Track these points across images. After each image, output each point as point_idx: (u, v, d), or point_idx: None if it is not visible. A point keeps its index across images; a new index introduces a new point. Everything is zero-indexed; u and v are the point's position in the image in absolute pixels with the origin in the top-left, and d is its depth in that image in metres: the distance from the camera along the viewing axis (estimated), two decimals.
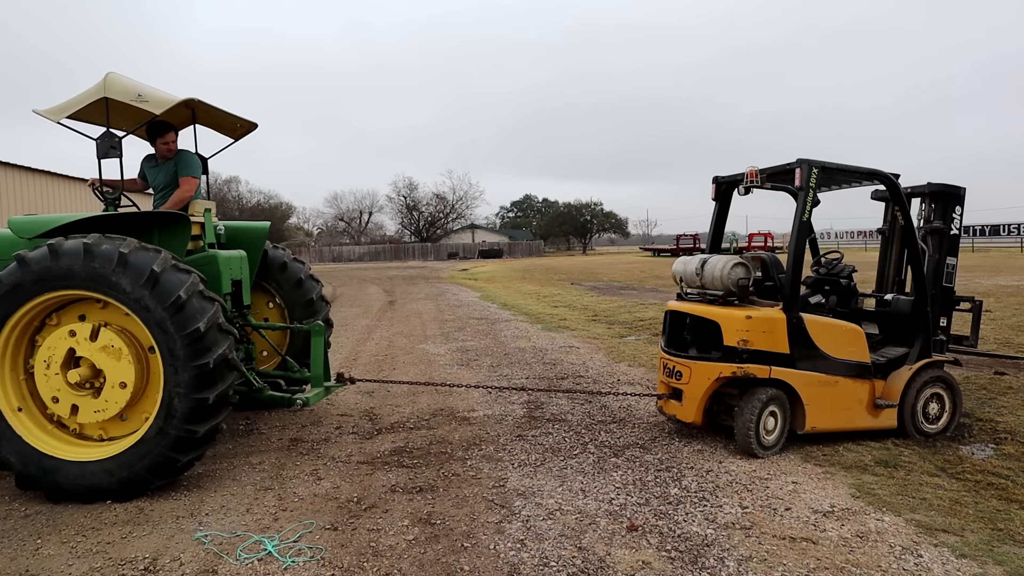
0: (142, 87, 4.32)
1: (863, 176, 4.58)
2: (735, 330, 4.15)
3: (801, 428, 4.23)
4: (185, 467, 3.79)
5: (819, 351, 4.23)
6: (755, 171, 4.41)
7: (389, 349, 8.74)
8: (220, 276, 4.48)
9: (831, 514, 3.32)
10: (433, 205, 70.91)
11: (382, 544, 3.09)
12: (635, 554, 2.95)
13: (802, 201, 4.19)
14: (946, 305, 4.91)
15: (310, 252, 58.47)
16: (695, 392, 4.33)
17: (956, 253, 4.95)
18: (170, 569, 2.89)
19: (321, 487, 3.82)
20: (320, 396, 4.61)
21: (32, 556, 3.04)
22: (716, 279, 4.37)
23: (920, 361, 4.51)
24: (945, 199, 4.90)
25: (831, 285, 5.05)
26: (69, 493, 3.63)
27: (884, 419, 4.40)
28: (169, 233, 4.22)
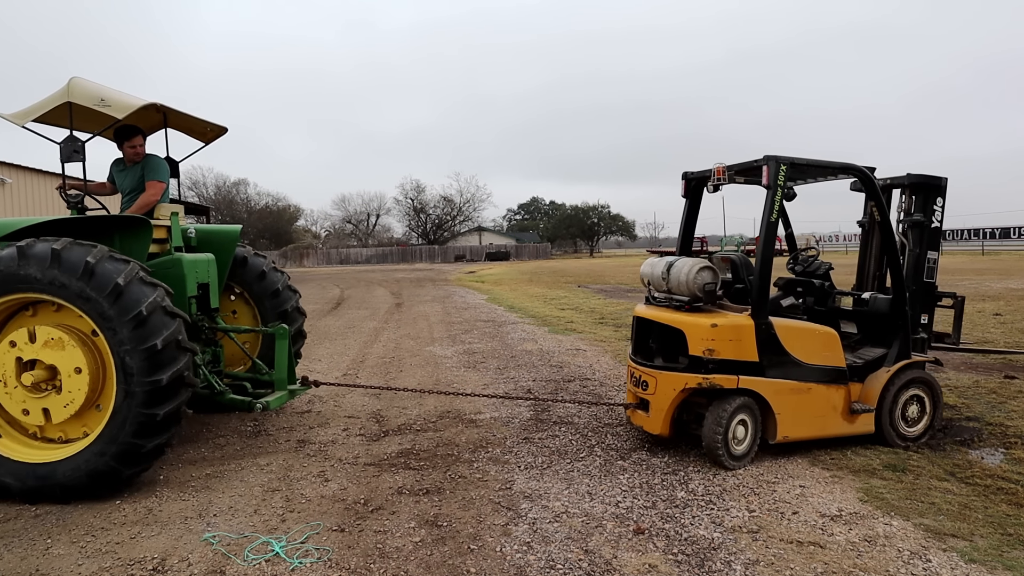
0: (106, 91, 4.36)
1: (835, 170, 4.44)
2: (700, 339, 3.96)
3: (773, 438, 4.08)
4: (129, 479, 3.79)
5: (790, 357, 4.07)
6: (722, 168, 4.23)
7: (396, 351, 8.76)
8: (185, 279, 4.52)
9: (839, 518, 3.31)
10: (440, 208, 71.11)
11: (389, 546, 3.10)
12: (642, 557, 2.95)
13: (770, 199, 4.00)
14: (927, 302, 4.76)
15: (317, 254, 58.71)
16: (661, 403, 4.15)
17: (938, 247, 4.79)
18: (178, 569, 2.91)
19: (328, 488, 3.84)
20: (283, 400, 4.63)
21: (42, 556, 3.07)
22: (682, 283, 4.19)
23: (899, 362, 4.35)
24: (926, 190, 4.71)
25: (805, 285, 4.85)
26: (75, 489, 3.66)
27: (861, 424, 4.27)
28: (131, 237, 4.25)
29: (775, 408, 4.03)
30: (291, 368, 4.78)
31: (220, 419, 5.42)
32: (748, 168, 4.22)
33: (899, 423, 4.34)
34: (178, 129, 5.29)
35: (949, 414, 5.06)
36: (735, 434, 4.02)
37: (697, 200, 4.85)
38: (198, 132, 5.34)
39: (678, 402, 4.13)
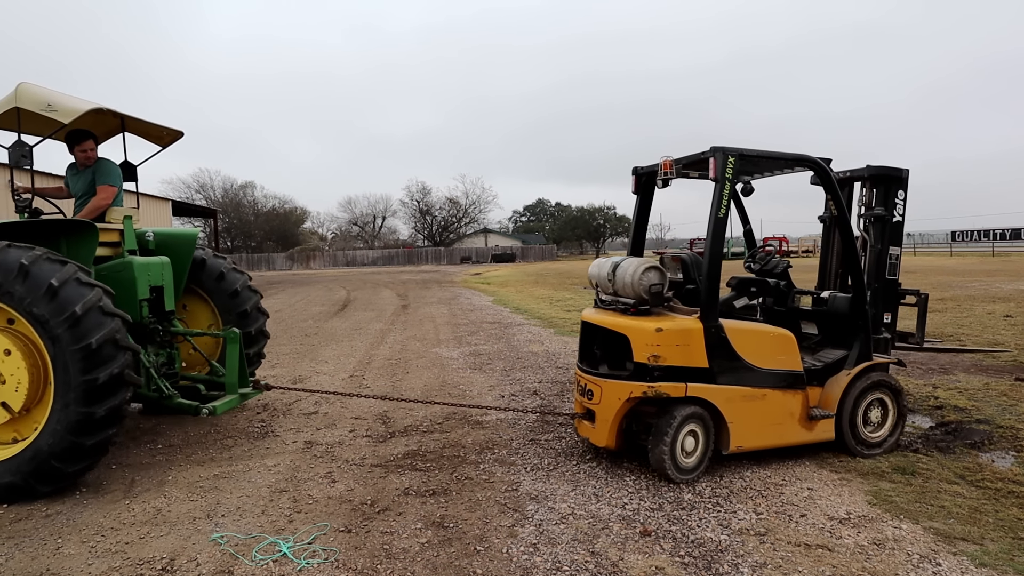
0: (54, 96, 4.42)
1: (789, 162, 4.19)
2: (645, 344, 3.71)
3: (726, 448, 3.89)
4: (73, 476, 3.81)
5: (743, 362, 3.84)
6: (669, 162, 3.97)
7: (402, 353, 8.78)
8: (136, 282, 4.57)
9: (847, 521, 3.29)
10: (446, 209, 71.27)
11: (395, 547, 3.11)
12: (648, 559, 2.94)
13: (718, 193, 3.74)
14: (890, 300, 4.54)
15: (324, 256, 58.93)
16: (606, 413, 3.92)
17: (900, 242, 4.59)
18: (187, 570, 2.93)
19: (335, 489, 3.85)
20: (233, 403, 4.65)
21: (53, 555, 3.10)
22: (627, 285, 3.94)
23: (860, 364, 4.16)
24: (887, 183, 4.52)
25: (759, 285, 4.58)
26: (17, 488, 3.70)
27: (820, 431, 4.08)
28: (77, 240, 4.29)
29: (727, 417, 3.83)
30: (243, 371, 4.78)
31: (227, 420, 5.45)
32: (696, 161, 3.99)
33: (861, 429, 4.17)
34: (135, 133, 5.38)
35: (959, 416, 5.02)
36: (683, 446, 3.80)
37: (648, 196, 4.61)
38: (155, 136, 5.43)
39: (624, 412, 3.90)
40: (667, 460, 3.73)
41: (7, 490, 3.69)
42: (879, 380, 4.20)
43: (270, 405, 5.97)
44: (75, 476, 3.84)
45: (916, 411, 5.30)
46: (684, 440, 3.79)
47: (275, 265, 55.94)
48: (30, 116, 4.43)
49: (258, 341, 5.82)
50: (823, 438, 4.10)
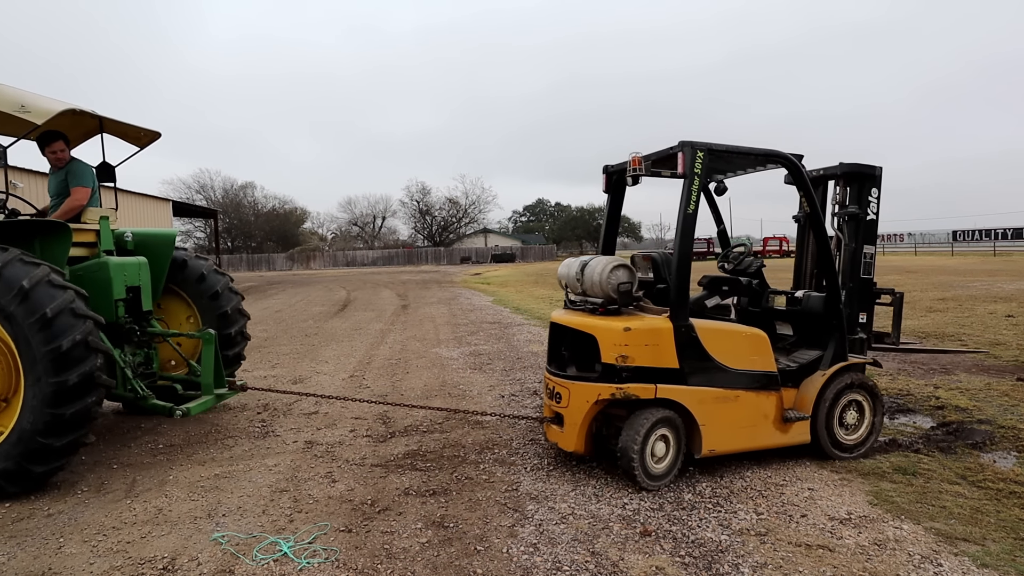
0: (27, 97, 4.46)
1: (761, 159, 4.08)
2: (613, 344, 3.60)
3: (698, 452, 3.78)
4: (42, 477, 3.82)
5: (715, 363, 3.74)
6: (638, 158, 3.82)
7: (402, 353, 8.78)
8: (111, 282, 4.60)
9: (848, 521, 3.29)
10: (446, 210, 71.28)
11: (396, 546, 3.11)
12: (649, 559, 2.94)
13: (687, 189, 3.64)
14: (865, 300, 4.49)
15: (324, 256, 58.94)
16: (575, 417, 3.80)
17: (874, 240, 4.54)
18: (188, 569, 2.93)
19: (336, 489, 3.85)
20: (207, 404, 4.66)
21: (55, 554, 3.10)
22: (595, 284, 3.84)
23: (835, 365, 4.07)
24: (860, 181, 4.46)
25: (732, 284, 4.45)
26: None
27: (795, 434, 3.99)
28: (51, 241, 4.32)
29: (699, 419, 3.72)
30: (219, 372, 4.79)
31: (228, 420, 5.45)
32: (665, 157, 3.89)
33: (836, 431, 4.09)
34: (113, 135, 5.41)
35: (960, 416, 5.02)
36: (654, 450, 3.67)
37: (620, 195, 4.48)
38: (132, 137, 5.46)
39: (593, 415, 3.80)
40: (636, 465, 3.61)
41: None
42: (855, 381, 4.12)
43: (270, 405, 5.97)
44: (43, 478, 3.84)
45: (917, 411, 5.30)
46: (654, 444, 3.68)
47: (275, 265, 55.95)
48: (4, 117, 4.46)
49: (238, 343, 5.83)
50: (798, 441, 4.01)
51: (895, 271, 22.56)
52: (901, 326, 4.77)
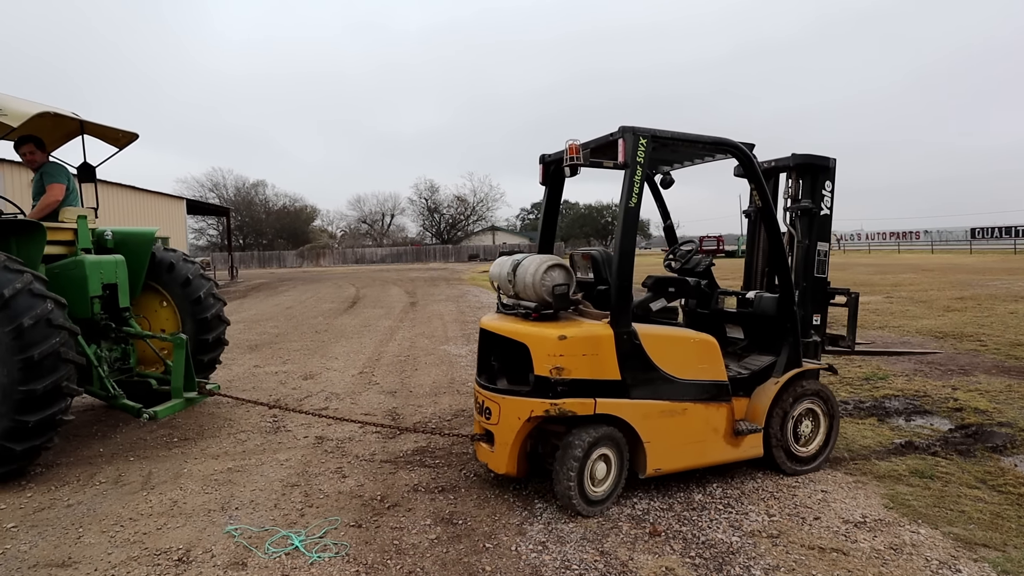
0: (5, 101, 4.53)
1: (709, 147, 3.72)
2: (546, 354, 3.23)
3: (643, 471, 3.48)
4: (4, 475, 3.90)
5: (660, 373, 3.42)
6: (576, 146, 3.39)
7: (411, 350, 8.80)
8: (87, 279, 4.68)
9: (863, 525, 3.25)
10: (454, 207, 71.33)
11: (405, 542, 3.11)
12: (658, 560, 2.92)
13: (629, 180, 3.30)
14: (819, 300, 4.24)
15: (333, 254, 59.22)
16: (506, 435, 3.44)
17: (828, 237, 4.29)
18: (202, 561, 2.95)
19: (346, 485, 3.87)
20: (176, 408, 4.69)
21: (74, 544, 3.14)
22: (528, 286, 3.48)
23: (788, 371, 3.81)
24: (814, 173, 4.23)
25: (678, 284, 4.09)
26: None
27: (748, 448, 3.73)
28: (27, 240, 4.43)
29: (643, 436, 3.41)
30: (189, 376, 4.84)
31: (241, 415, 5.49)
32: (606, 144, 3.55)
33: (790, 443, 3.85)
34: (93, 136, 5.51)
35: (980, 419, 4.95)
36: (594, 472, 3.34)
37: (558, 187, 4.12)
38: (111, 138, 5.55)
39: (526, 433, 3.44)
40: (573, 491, 3.27)
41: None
42: (810, 388, 3.88)
43: (281, 401, 6.01)
44: (2, 478, 3.92)
45: (934, 413, 5.23)
46: (594, 466, 3.34)
47: (286, 262, 56.30)
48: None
49: (215, 348, 5.88)
50: (751, 455, 3.76)
51: (910, 269, 22.30)
52: (856, 328, 4.51)
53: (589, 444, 3.29)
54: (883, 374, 6.56)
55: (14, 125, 4.39)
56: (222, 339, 5.93)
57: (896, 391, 5.89)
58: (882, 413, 5.23)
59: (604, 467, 3.39)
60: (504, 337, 3.57)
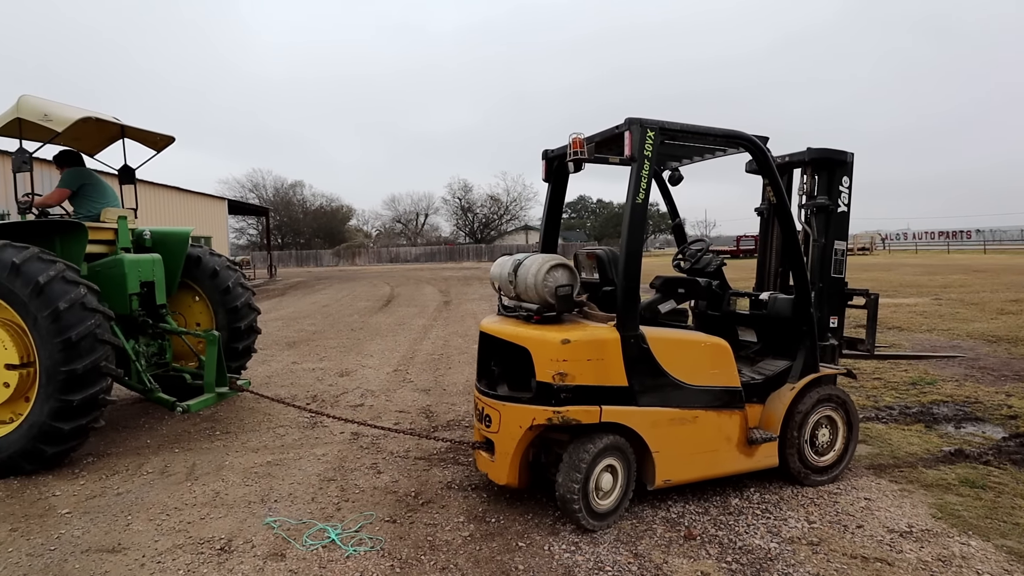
0: (51, 107, 4.77)
1: (720, 140, 3.55)
2: (549, 359, 3.07)
3: (652, 483, 3.32)
4: (53, 457, 4.09)
5: (670, 379, 3.26)
6: (580, 140, 3.27)
7: (445, 349, 8.88)
8: (126, 278, 4.89)
9: (909, 535, 3.13)
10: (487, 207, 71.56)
11: (439, 539, 3.15)
12: (693, 564, 2.88)
13: (636, 175, 3.13)
14: (836, 302, 4.04)
15: (369, 253, 60.15)
16: (506, 444, 3.29)
17: (845, 235, 4.07)
18: (243, 551, 3.04)
19: (381, 480, 3.93)
20: (208, 402, 4.82)
21: (123, 531, 3.28)
22: (530, 287, 3.32)
23: (805, 377, 3.65)
24: (830, 168, 4.04)
25: (688, 285, 3.91)
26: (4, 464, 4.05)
27: (762, 457, 3.57)
28: (69, 240, 4.65)
29: (652, 445, 3.25)
30: (221, 372, 4.96)
31: (280, 410, 5.64)
32: (612, 137, 3.38)
33: (807, 452, 3.68)
34: (133, 139, 5.74)
35: None
36: (599, 484, 3.18)
37: (562, 183, 3.96)
38: (150, 142, 5.76)
39: (528, 442, 3.29)
40: (578, 503, 3.11)
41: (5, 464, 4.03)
42: (828, 394, 3.71)
43: (319, 396, 6.14)
44: (54, 458, 4.12)
45: (987, 420, 5.01)
46: (599, 477, 3.18)
47: (322, 261, 57.46)
48: (29, 125, 4.82)
49: (247, 336, 6.04)
50: (765, 465, 3.60)
51: (961, 270, 21.38)
52: (876, 331, 4.29)
53: (594, 454, 3.13)
54: (931, 379, 6.32)
55: (59, 130, 4.64)
56: (254, 327, 6.09)
57: (945, 397, 5.66)
58: (930, 419, 5.04)
59: (610, 478, 3.23)
60: (504, 341, 3.40)
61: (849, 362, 4.76)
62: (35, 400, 4.02)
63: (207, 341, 4.93)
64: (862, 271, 23.00)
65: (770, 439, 3.55)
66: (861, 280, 18.73)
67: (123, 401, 6.02)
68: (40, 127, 4.75)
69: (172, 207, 23.68)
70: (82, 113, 4.82)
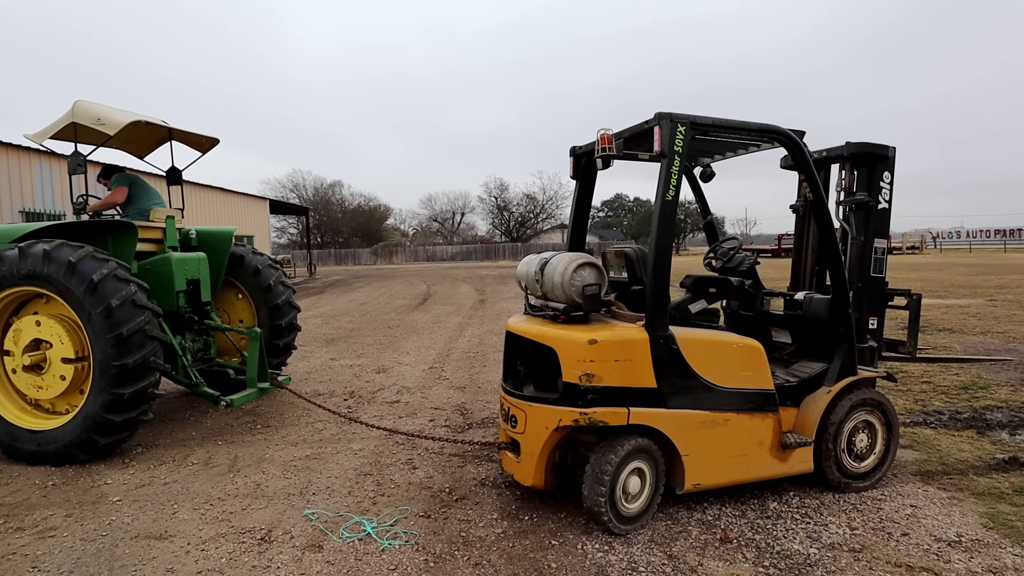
0: (103, 111, 4.97)
1: (753, 135, 3.40)
2: (575, 360, 3.04)
3: (681, 486, 3.25)
4: (106, 448, 4.28)
5: (700, 380, 3.19)
6: (608, 136, 3.16)
7: (480, 347, 8.93)
8: (173, 276, 5.06)
9: (957, 544, 3.01)
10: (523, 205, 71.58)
11: (472, 535, 3.18)
12: (729, 567, 2.83)
13: (666, 171, 3.07)
14: (876, 302, 3.90)
15: (406, 252, 60.94)
16: (532, 445, 3.25)
17: (886, 233, 3.93)
18: (283, 541, 3.14)
19: (416, 476, 3.99)
20: (250, 397, 4.97)
21: (170, 519, 3.43)
22: (557, 286, 3.29)
23: (842, 380, 3.54)
24: (870, 163, 3.88)
25: (720, 284, 3.81)
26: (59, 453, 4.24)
27: (796, 462, 3.47)
28: (120, 239, 4.84)
29: (681, 448, 3.19)
30: (262, 368, 5.10)
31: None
32: (640, 133, 3.31)
33: (843, 458, 3.57)
34: (180, 141, 5.95)
35: None
36: (626, 487, 3.13)
37: (590, 181, 3.90)
38: (195, 143, 5.97)
39: (554, 443, 3.26)
40: (604, 507, 3.07)
41: (57, 453, 4.24)
42: (866, 398, 3.59)
43: (356, 393, 6.27)
44: (107, 448, 4.30)
45: None
46: (627, 480, 3.14)
47: (360, 260, 58.51)
48: (84, 129, 5.05)
49: (288, 333, 6.21)
50: (799, 470, 3.50)
51: (1019, 270, 20.32)
52: (918, 332, 4.12)
53: (622, 457, 3.09)
54: (984, 383, 6.04)
55: (111, 133, 4.87)
56: (294, 324, 6.27)
57: (999, 402, 5.40)
58: (982, 425, 4.82)
59: (638, 481, 3.18)
60: (531, 340, 3.38)
61: (897, 365, 4.59)
62: (89, 393, 4.23)
63: (249, 338, 5.09)
64: (911, 271, 22.10)
65: (805, 444, 3.45)
66: (910, 280, 18.01)
67: (170, 395, 6.28)
68: (93, 131, 5.00)
69: (216, 207, 24.51)
70: (132, 117, 5.05)
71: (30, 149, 14.81)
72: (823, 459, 3.55)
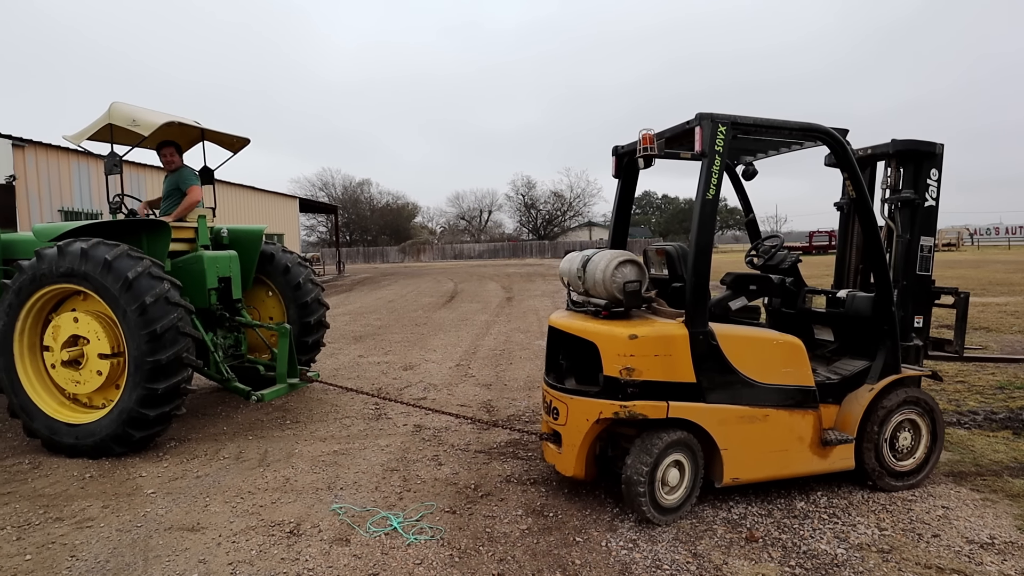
0: (139, 112, 5.09)
1: (796, 134, 3.42)
2: (616, 354, 3.13)
3: (719, 480, 3.31)
4: (141, 441, 4.41)
5: (739, 376, 3.24)
6: (650, 135, 3.23)
7: (506, 344, 8.98)
8: (205, 273, 5.18)
9: (990, 547, 2.94)
10: (550, 203, 71.41)
11: (497, 531, 3.22)
12: (755, 566, 2.82)
13: (706, 171, 3.13)
14: (921, 300, 3.87)
15: (433, 250, 61.39)
16: (574, 437, 3.36)
17: (933, 231, 3.90)
18: (311, 534, 3.23)
19: (441, 472, 4.05)
20: (280, 392, 5.05)
21: (202, 511, 3.55)
22: (598, 282, 3.37)
23: (885, 378, 3.52)
24: (917, 160, 3.86)
25: (760, 282, 3.84)
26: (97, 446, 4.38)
27: (836, 459, 3.47)
28: (155, 238, 4.97)
29: (720, 442, 3.25)
30: (292, 363, 5.18)
31: (346, 402, 5.90)
32: (681, 133, 3.39)
33: (886, 456, 3.54)
34: (212, 142, 6.08)
35: None
36: (665, 479, 3.21)
37: (632, 180, 3.97)
38: (227, 144, 6.09)
39: (595, 435, 3.36)
40: (644, 497, 3.16)
41: (94, 445, 4.39)
42: (910, 396, 3.56)
43: (383, 390, 6.37)
44: (141, 442, 4.45)
45: None
46: (666, 472, 3.22)
47: (388, 258, 59.17)
48: (119, 130, 5.20)
49: (317, 330, 6.32)
50: (840, 467, 3.51)
51: None
52: (965, 331, 4.08)
53: (661, 449, 3.17)
54: (1021, 383, 5.84)
55: (145, 134, 5.04)
56: (323, 321, 6.39)
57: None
58: (1018, 426, 4.67)
59: (677, 473, 3.26)
60: (573, 335, 3.48)
61: (931, 364, 4.48)
62: (124, 388, 4.38)
63: (279, 334, 5.21)
64: (947, 268, 21.40)
65: (846, 441, 3.46)
66: (946, 278, 17.44)
67: (202, 390, 6.47)
68: (129, 132, 5.16)
69: (247, 206, 25.07)
70: (166, 118, 5.20)
71: (68, 150, 15.32)
72: (864, 457, 3.54)
